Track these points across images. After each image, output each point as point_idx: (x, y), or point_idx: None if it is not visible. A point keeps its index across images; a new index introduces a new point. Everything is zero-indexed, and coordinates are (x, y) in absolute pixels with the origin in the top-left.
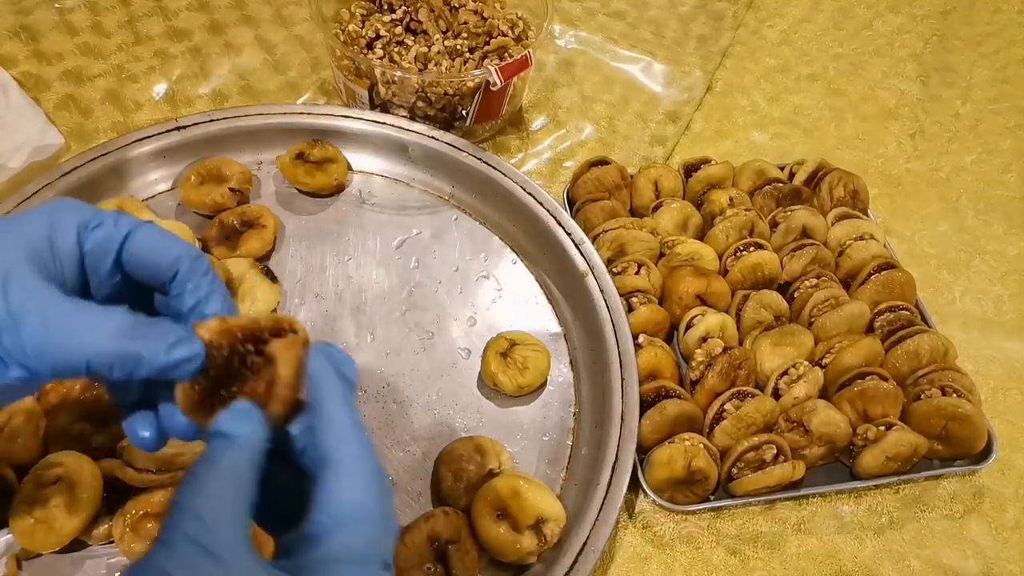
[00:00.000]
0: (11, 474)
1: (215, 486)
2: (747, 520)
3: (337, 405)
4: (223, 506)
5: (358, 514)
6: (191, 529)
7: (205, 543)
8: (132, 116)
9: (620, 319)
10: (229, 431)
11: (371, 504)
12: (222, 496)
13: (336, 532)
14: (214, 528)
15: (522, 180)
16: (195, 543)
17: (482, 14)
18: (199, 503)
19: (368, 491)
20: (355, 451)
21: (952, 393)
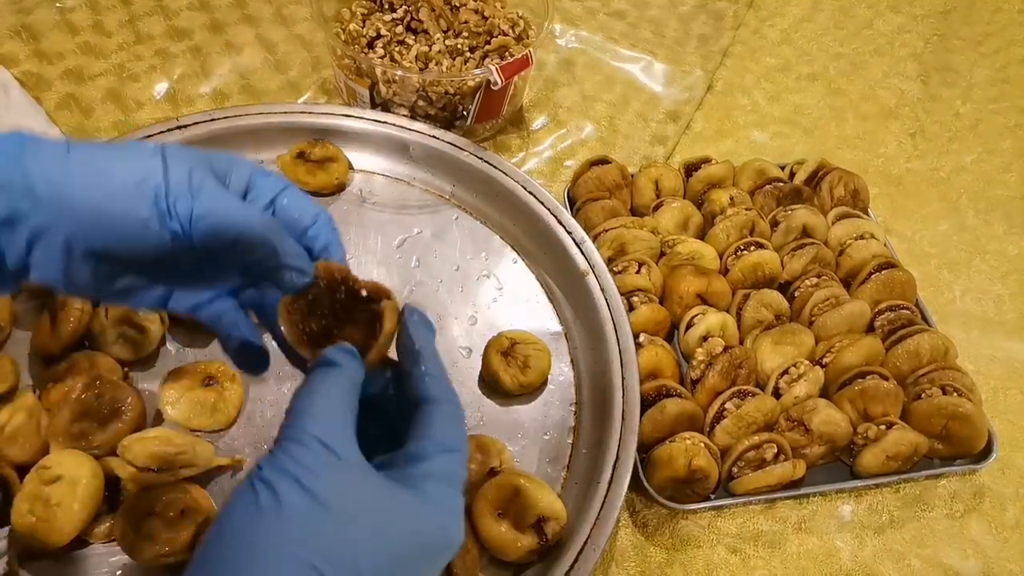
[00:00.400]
0: (12, 473)
1: (329, 397)
2: (748, 519)
3: (436, 355)
4: (337, 413)
5: (456, 444)
6: (314, 428)
7: (327, 440)
8: (133, 115)
9: (621, 318)
10: (337, 360)
11: (460, 437)
12: (335, 405)
13: (439, 455)
14: (332, 430)
15: (523, 179)
16: (318, 440)
17: (483, 13)
18: (319, 409)
19: (458, 426)
20: (451, 394)
21: (952, 392)
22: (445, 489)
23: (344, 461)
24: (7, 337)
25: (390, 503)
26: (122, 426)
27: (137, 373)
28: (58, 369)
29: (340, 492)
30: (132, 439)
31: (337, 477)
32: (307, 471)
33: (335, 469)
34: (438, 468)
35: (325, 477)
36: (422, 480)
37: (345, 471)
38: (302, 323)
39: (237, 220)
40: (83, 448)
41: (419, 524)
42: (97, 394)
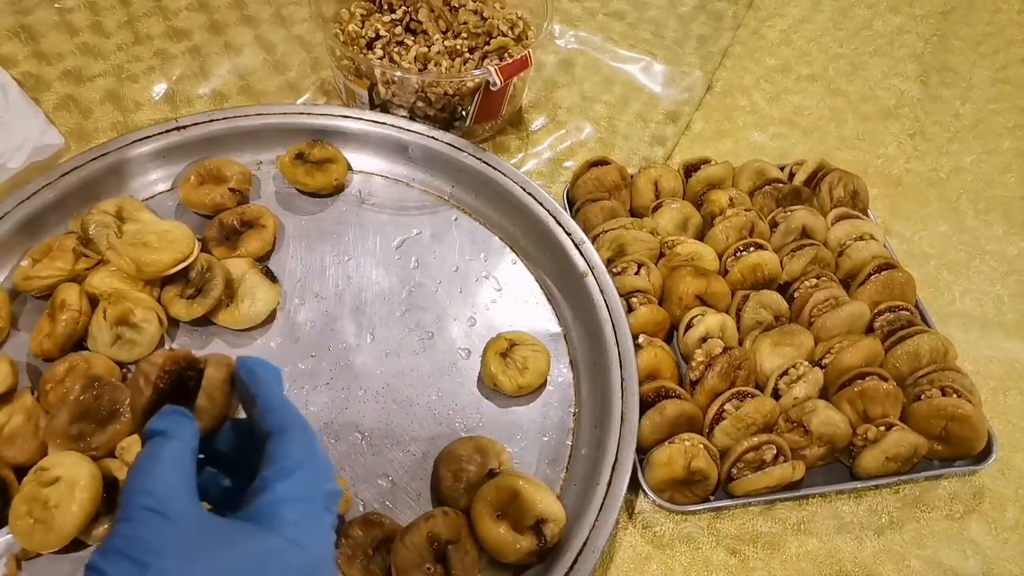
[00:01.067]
0: (11, 474)
1: (157, 466)
2: (747, 520)
3: (275, 393)
4: (167, 479)
5: (295, 465)
6: (144, 500)
7: (157, 508)
8: (132, 116)
9: (620, 319)
10: (159, 428)
11: (304, 457)
12: (164, 472)
13: (278, 480)
14: (162, 496)
15: (522, 180)
16: (148, 509)
17: (482, 14)
18: (146, 481)
19: (301, 448)
20: (293, 422)
21: (952, 393)
22: (295, 508)
23: (175, 521)
24: (6, 338)
25: (233, 542)
26: (120, 427)
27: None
28: (56, 370)
29: (174, 551)
30: (130, 440)
31: (169, 538)
32: (134, 543)
33: (166, 531)
34: (282, 492)
35: (154, 542)
36: (269, 508)
37: (178, 529)
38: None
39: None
40: (81, 449)
41: (269, 551)
42: (95, 395)
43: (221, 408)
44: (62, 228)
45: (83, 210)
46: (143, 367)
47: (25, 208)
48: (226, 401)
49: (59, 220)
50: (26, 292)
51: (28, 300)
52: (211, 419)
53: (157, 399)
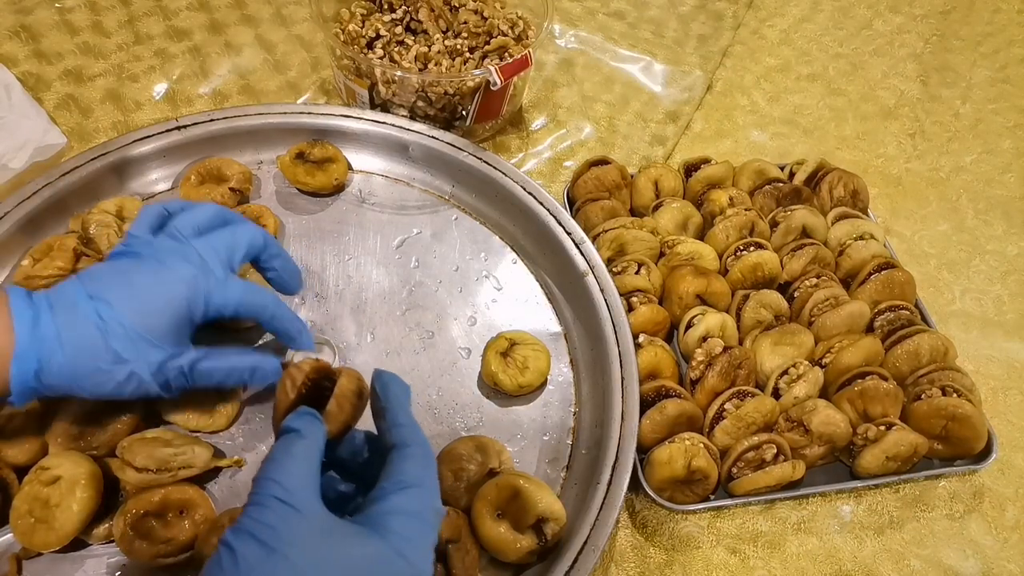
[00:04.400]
0: (11, 474)
1: (289, 461)
2: (747, 520)
3: (404, 409)
4: (296, 474)
5: (412, 481)
6: (273, 489)
7: (285, 498)
8: (132, 116)
9: (620, 319)
10: (294, 426)
11: (422, 474)
12: (294, 467)
13: (395, 493)
14: (290, 488)
15: (522, 180)
16: (277, 499)
17: (482, 14)
18: (278, 473)
19: (420, 465)
20: (416, 439)
21: (952, 393)
22: (406, 522)
23: (302, 513)
24: None
25: (348, 543)
26: (121, 427)
27: None
28: None
29: (298, 541)
30: (131, 440)
31: (295, 528)
32: (264, 527)
33: (293, 522)
34: (397, 504)
35: (282, 530)
36: (383, 517)
37: (303, 522)
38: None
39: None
40: (82, 449)
41: (378, 557)
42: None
43: (348, 416)
44: (63, 227)
45: (84, 209)
46: (292, 372)
47: (26, 207)
48: (353, 410)
49: (60, 219)
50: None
51: None
52: (338, 425)
53: (298, 402)
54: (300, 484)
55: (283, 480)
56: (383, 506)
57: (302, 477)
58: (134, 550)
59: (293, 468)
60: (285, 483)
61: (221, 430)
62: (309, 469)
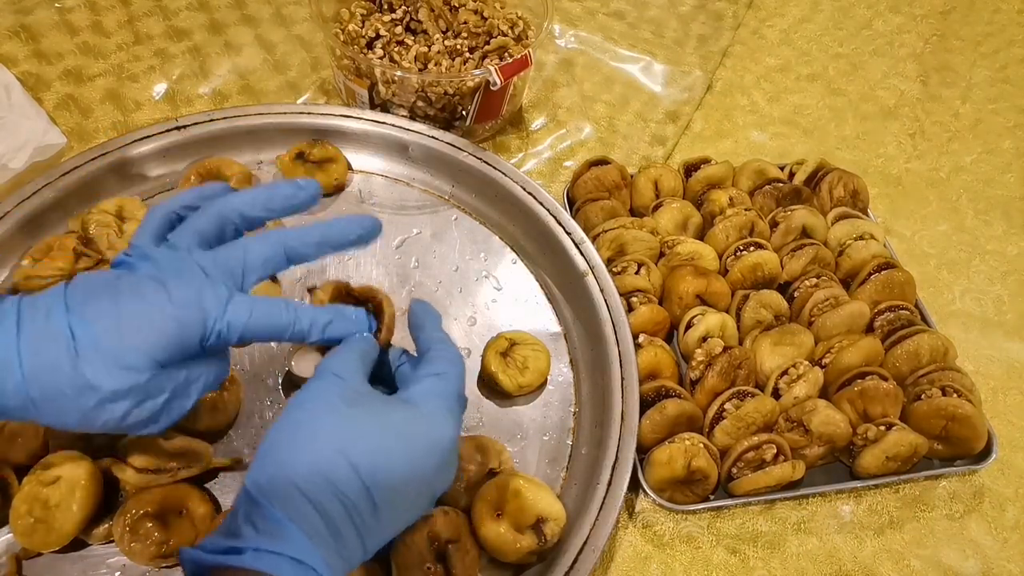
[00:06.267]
0: (11, 474)
1: (346, 355)
2: (747, 520)
3: (435, 323)
4: (349, 361)
5: (444, 370)
6: (331, 366)
7: (338, 372)
8: (132, 116)
9: (620, 319)
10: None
11: (452, 368)
12: (349, 357)
13: (429, 377)
14: (343, 368)
15: (522, 180)
16: (332, 372)
17: (482, 14)
18: (335, 364)
19: (451, 362)
20: (445, 342)
21: (952, 393)
22: (434, 399)
23: (348, 383)
24: None
25: (385, 406)
26: None
27: None
28: None
29: (345, 399)
30: (131, 440)
31: (344, 393)
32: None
33: (342, 388)
34: (428, 386)
35: (333, 390)
36: (415, 395)
37: (350, 389)
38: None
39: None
40: (82, 449)
41: (409, 417)
42: None
43: (390, 334)
44: (62, 227)
45: (83, 209)
46: (318, 295)
47: (25, 207)
48: (393, 330)
49: (59, 219)
50: (26, 291)
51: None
52: (384, 341)
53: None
54: (351, 368)
55: (338, 363)
56: (416, 388)
57: (354, 364)
58: (134, 550)
59: (348, 358)
60: (338, 365)
61: (221, 430)
62: (362, 362)
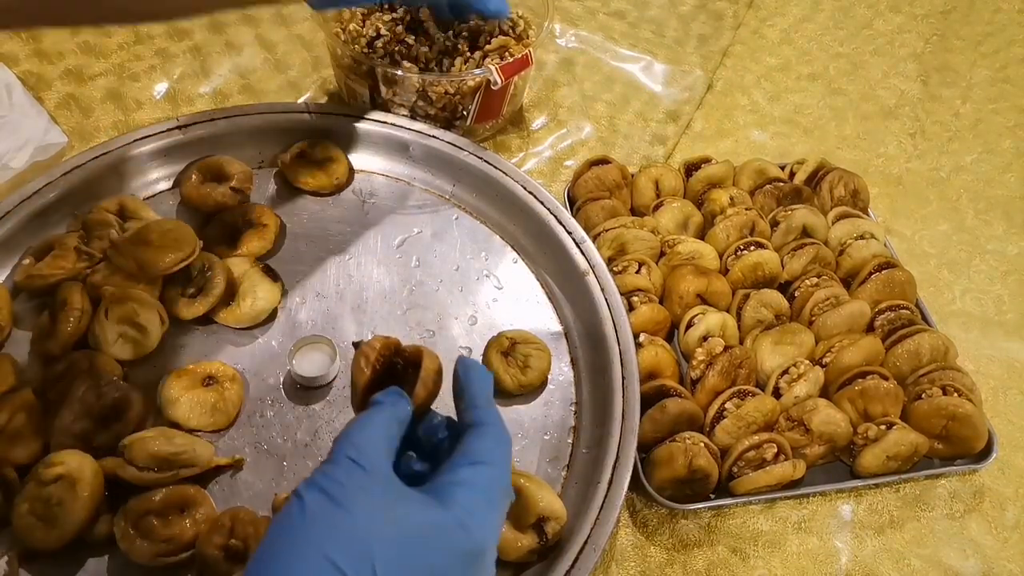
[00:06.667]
0: (12, 473)
1: (368, 427)
2: (748, 519)
3: (483, 392)
4: (373, 439)
5: (484, 458)
6: (348, 450)
7: (357, 459)
8: (133, 115)
9: (621, 318)
10: (379, 399)
11: (494, 454)
12: (373, 433)
13: (464, 467)
14: (365, 450)
15: (523, 179)
16: (349, 458)
17: None
18: (355, 436)
19: (494, 445)
20: (492, 419)
21: (953, 392)
22: (471, 495)
23: (370, 473)
24: (7, 337)
25: (410, 507)
26: (122, 426)
27: (137, 373)
28: (58, 369)
29: (361, 498)
30: (132, 439)
31: (361, 486)
32: (333, 482)
33: (360, 480)
34: (465, 477)
35: (349, 486)
36: (449, 488)
37: (369, 481)
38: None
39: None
40: (83, 448)
41: (437, 524)
42: (97, 394)
43: (431, 395)
44: (63, 226)
45: (85, 209)
46: (365, 351)
47: (27, 207)
48: (436, 390)
49: (61, 218)
50: (28, 290)
51: (30, 299)
52: (422, 403)
53: (373, 378)
54: (374, 448)
55: (358, 442)
56: (451, 477)
57: (377, 442)
58: (135, 549)
59: (371, 433)
60: (359, 444)
61: (222, 429)
62: (386, 436)
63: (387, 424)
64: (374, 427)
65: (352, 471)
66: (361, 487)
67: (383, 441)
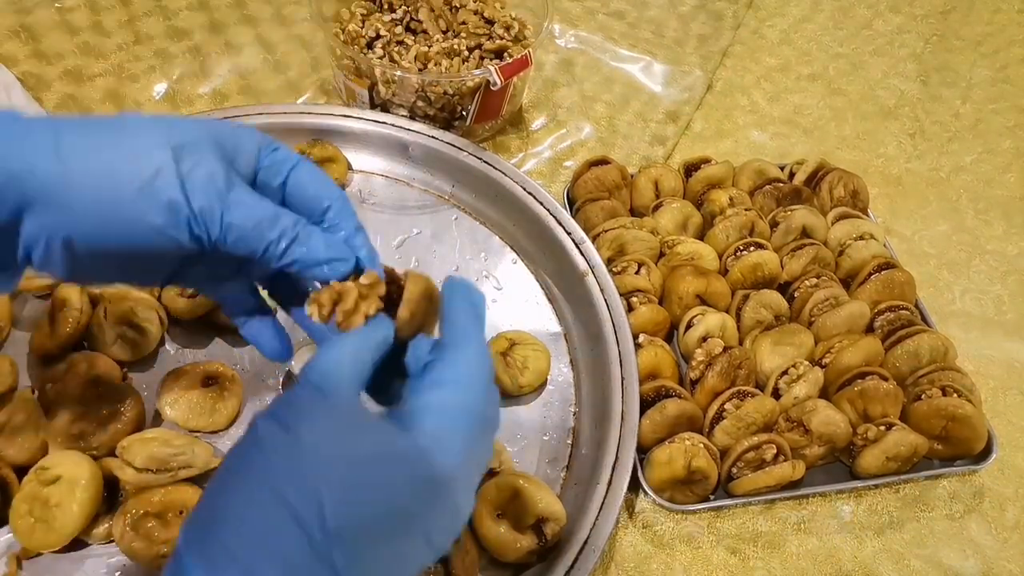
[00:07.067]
0: (11, 474)
1: (335, 352)
2: (747, 520)
3: (457, 306)
4: (340, 365)
5: (453, 378)
6: (313, 375)
7: (321, 384)
8: None
9: (620, 319)
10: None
11: (467, 375)
12: (343, 357)
13: (431, 389)
14: (330, 375)
15: (522, 180)
16: (313, 384)
17: (482, 14)
18: (322, 360)
19: (468, 365)
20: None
21: (952, 393)
22: (434, 419)
23: (329, 398)
24: (6, 337)
25: (368, 434)
26: (121, 427)
27: (136, 374)
28: (57, 370)
29: (315, 425)
30: (131, 440)
31: (317, 413)
32: (291, 411)
33: (318, 406)
34: (428, 400)
35: (304, 413)
36: (411, 413)
37: (327, 407)
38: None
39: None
40: (82, 449)
41: (392, 451)
42: (96, 395)
43: (416, 317)
44: None
45: None
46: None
47: None
48: (422, 313)
49: None
50: (27, 291)
51: (29, 299)
52: (405, 325)
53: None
54: (338, 373)
55: (323, 367)
56: (414, 402)
57: (343, 366)
58: (134, 550)
59: (337, 356)
60: (323, 369)
61: (221, 430)
62: (355, 360)
63: (358, 347)
64: (343, 350)
65: (312, 397)
66: (317, 414)
67: (351, 365)
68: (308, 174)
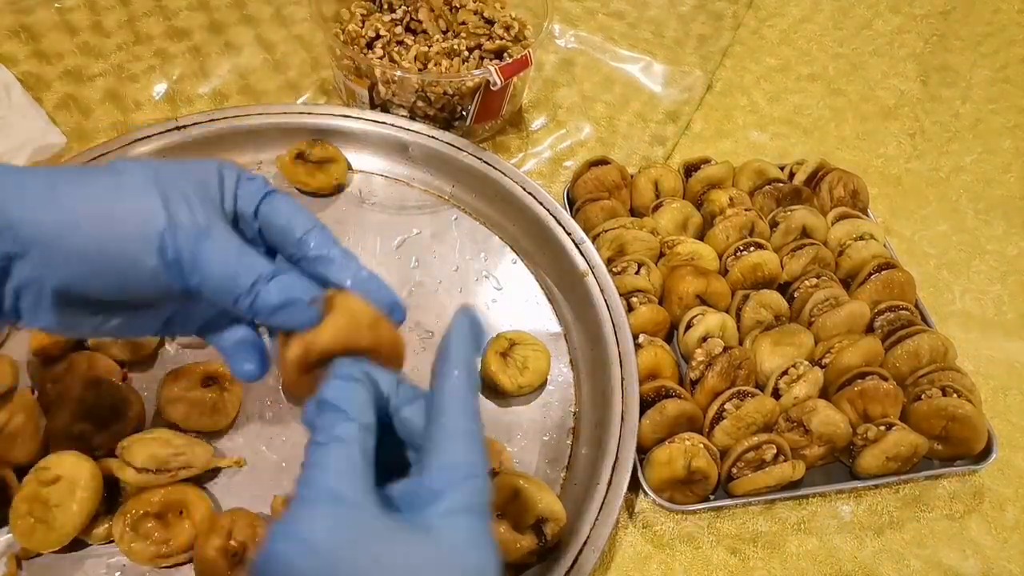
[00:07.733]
0: (11, 474)
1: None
2: (747, 520)
3: (453, 356)
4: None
5: (469, 471)
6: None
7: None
8: (132, 116)
9: (620, 319)
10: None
11: (478, 459)
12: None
13: (451, 490)
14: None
15: (522, 180)
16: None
17: (482, 14)
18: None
19: (473, 447)
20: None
21: (952, 393)
22: (463, 520)
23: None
24: (6, 337)
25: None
26: (121, 427)
27: (136, 373)
28: (57, 370)
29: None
30: (131, 440)
31: (348, 531)
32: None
33: (346, 522)
34: (460, 501)
35: (335, 533)
36: (440, 519)
37: (357, 523)
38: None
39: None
40: (82, 449)
41: (430, 560)
42: (96, 395)
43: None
44: None
45: None
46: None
47: None
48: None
49: None
50: None
51: None
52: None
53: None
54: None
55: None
56: (443, 505)
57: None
58: (134, 550)
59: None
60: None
61: (221, 430)
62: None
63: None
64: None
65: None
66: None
67: (361, 463)
68: (279, 204)
